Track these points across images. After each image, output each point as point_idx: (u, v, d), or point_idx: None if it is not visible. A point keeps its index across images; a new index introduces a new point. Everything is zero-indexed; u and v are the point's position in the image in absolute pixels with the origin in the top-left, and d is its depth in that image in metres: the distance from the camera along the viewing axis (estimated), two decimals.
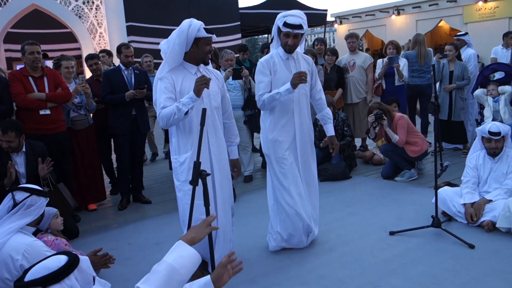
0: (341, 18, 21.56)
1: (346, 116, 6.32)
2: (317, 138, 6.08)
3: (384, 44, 7.67)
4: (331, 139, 3.86)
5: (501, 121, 5.68)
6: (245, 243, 3.94)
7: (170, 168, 6.05)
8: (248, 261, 3.40)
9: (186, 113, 2.91)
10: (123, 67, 5.17)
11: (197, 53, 3.11)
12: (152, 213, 5.05)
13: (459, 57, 6.62)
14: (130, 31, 12.42)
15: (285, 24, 3.36)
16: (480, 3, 16.72)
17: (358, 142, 7.49)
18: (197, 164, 2.18)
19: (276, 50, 3.60)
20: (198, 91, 2.89)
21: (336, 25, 22.15)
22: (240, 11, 16.31)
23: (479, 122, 6.07)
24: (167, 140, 7.16)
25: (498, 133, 4.05)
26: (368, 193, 5.23)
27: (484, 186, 4.18)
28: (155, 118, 6.72)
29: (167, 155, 7.11)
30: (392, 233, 3.94)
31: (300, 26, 3.36)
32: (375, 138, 5.83)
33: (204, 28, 3.06)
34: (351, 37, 6.97)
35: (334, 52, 6.87)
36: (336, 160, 5.94)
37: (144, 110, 5.36)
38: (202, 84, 2.88)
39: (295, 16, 3.38)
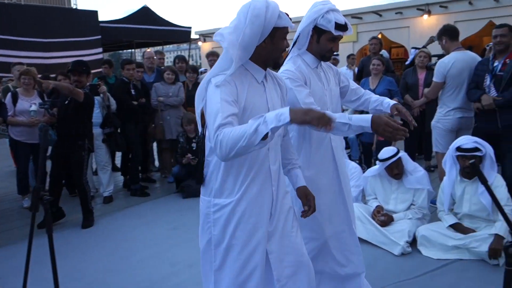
0: (204, 36, 21.96)
1: None
2: (179, 155, 6.10)
3: None
4: (397, 108, 2.64)
5: None
6: (103, 265, 3.76)
7: (20, 192, 5.58)
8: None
9: (264, 138, 1.76)
10: None
11: (270, 49, 2.07)
12: None
13: None
14: None
15: (338, 26, 2.44)
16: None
17: None
18: (37, 188, 2.03)
19: (299, 57, 2.60)
20: (312, 120, 1.76)
21: (200, 43, 22.49)
22: (101, 24, 15.71)
23: None
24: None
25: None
26: None
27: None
28: None
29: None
30: None
31: (347, 28, 2.50)
32: None
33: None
34: (211, 55, 7.17)
35: (195, 70, 6.99)
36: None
37: None
38: (322, 123, 1.77)
39: (339, 12, 2.48)
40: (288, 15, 2.08)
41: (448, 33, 4.72)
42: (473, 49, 6.63)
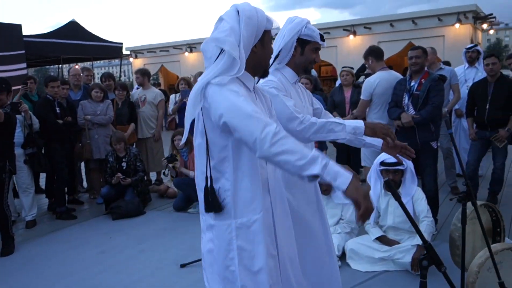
0: (136, 52, 21.59)
1: (138, 151, 6.29)
2: (108, 175, 5.90)
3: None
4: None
5: None
6: None
7: None
8: None
9: (314, 178, 1.62)
10: None
11: (261, 55, 1.96)
12: None
13: None
14: None
15: (323, 38, 2.52)
16: None
17: (153, 176, 7.52)
18: None
19: (278, 71, 2.53)
20: (359, 199, 1.59)
21: (131, 59, 22.07)
22: (25, 39, 14.97)
23: None
24: None
25: None
26: (162, 227, 5.25)
27: None
28: None
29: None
30: (183, 266, 4.01)
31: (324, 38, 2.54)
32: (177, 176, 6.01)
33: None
34: (136, 73, 7.13)
35: (124, 87, 6.85)
36: (129, 197, 5.84)
37: None
38: (366, 211, 1.60)
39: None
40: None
41: (374, 54, 4.96)
42: (394, 68, 7.01)
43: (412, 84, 4.49)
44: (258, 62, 1.95)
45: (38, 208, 5.89)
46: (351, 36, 15.54)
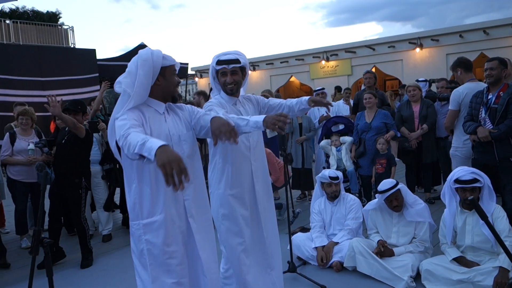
0: (201, 72, 22.28)
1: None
2: None
3: None
4: (313, 100, 3.15)
5: (344, 168, 6.33)
6: None
7: (18, 232, 5.52)
8: None
9: (141, 157, 2.06)
10: None
11: (165, 85, 2.49)
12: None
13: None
14: None
15: (219, 62, 3.02)
16: (323, 62, 18.75)
17: None
18: (37, 230, 2.02)
19: (219, 96, 3.11)
20: (167, 163, 1.90)
21: (196, 78, 22.78)
22: (99, 62, 15.92)
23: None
24: None
25: (337, 177, 4.54)
26: None
27: (330, 228, 4.57)
28: None
29: None
30: None
31: (236, 60, 3.00)
32: None
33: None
34: (199, 94, 7.36)
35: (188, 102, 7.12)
36: None
37: None
38: (178, 165, 1.91)
39: (229, 54, 3.04)
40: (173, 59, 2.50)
41: (463, 65, 5.05)
42: None
43: (489, 97, 4.29)
44: (164, 91, 2.49)
45: (113, 222, 6.16)
46: (417, 49, 15.11)
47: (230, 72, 3.02)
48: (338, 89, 14.55)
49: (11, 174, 5.46)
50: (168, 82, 2.47)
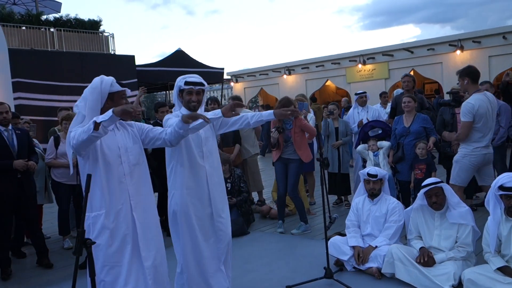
0: (236, 76, 22.44)
1: (241, 173, 6.47)
2: None
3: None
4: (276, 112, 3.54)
5: None
6: None
7: (61, 233, 5.72)
8: None
9: (96, 128, 2.60)
10: (2, 128, 4.85)
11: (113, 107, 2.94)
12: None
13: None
14: (17, 87, 11.81)
15: (187, 83, 3.48)
16: (360, 66, 18.51)
17: (255, 196, 7.65)
18: (80, 232, 2.08)
19: (179, 111, 3.57)
20: (121, 110, 2.61)
21: (232, 83, 22.96)
22: (137, 68, 16.30)
23: None
24: None
25: (375, 175, 4.50)
26: (265, 248, 5.31)
27: (366, 226, 4.53)
28: None
29: None
30: (288, 287, 4.01)
31: (202, 83, 3.52)
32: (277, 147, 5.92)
33: (118, 82, 3.00)
34: (234, 99, 7.38)
35: (215, 101, 7.24)
36: (233, 216, 5.98)
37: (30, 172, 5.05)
38: (128, 110, 2.63)
39: (195, 77, 3.54)
40: (124, 85, 3.00)
41: (472, 75, 4.87)
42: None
43: None
44: None
45: None
46: (458, 51, 14.71)
47: (195, 92, 3.50)
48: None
49: (55, 176, 5.66)
50: (116, 105, 2.88)
